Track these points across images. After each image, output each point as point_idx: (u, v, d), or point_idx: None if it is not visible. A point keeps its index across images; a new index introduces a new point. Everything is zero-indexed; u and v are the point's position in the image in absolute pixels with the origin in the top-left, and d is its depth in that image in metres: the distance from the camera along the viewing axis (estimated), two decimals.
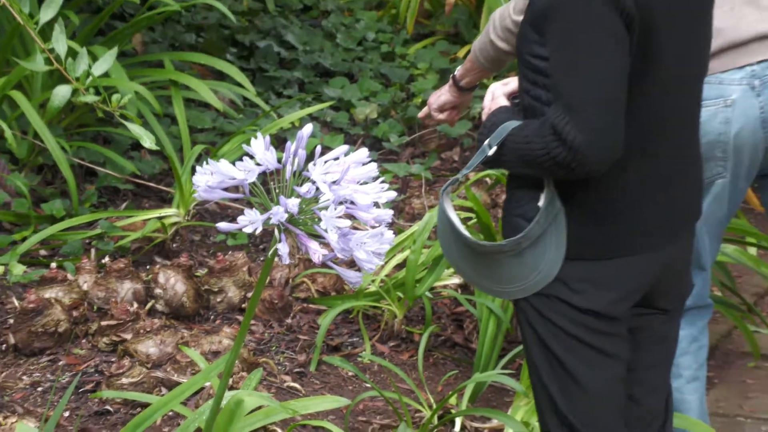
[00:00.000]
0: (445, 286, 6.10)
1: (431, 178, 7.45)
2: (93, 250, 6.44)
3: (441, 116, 5.07)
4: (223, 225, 3.21)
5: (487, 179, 6.69)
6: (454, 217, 3.92)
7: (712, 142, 4.63)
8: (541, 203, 3.72)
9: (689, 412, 5.05)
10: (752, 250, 6.66)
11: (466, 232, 3.89)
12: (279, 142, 4.48)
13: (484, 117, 3.92)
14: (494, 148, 3.70)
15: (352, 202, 3.15)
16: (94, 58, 4.66)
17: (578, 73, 3.58)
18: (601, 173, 3.63)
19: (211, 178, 3.18)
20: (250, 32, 8.73)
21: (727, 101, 4.66)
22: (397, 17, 9.57)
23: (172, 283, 6.04)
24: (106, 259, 6.31)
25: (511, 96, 3.94)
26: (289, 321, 6.10)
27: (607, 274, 3.83)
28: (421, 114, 5.15)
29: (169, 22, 8.30)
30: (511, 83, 4.00)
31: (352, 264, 3.24)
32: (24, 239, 6.38)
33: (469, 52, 5.05)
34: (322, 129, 7.95)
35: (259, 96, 7.77)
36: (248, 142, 3.86)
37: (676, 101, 3.84)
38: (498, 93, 3.98)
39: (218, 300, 6.13)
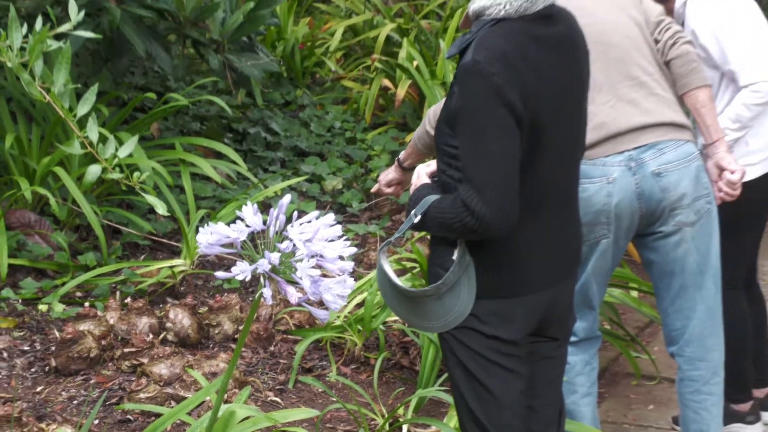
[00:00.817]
0: (395, 321, 6.11)
1: (384, 235, 7.49)
2: (118, 293, 6.44)
3: (388, 190, 5.12)
4: (220, 273, 3.28)
5: (428, 236, 6.76)
6: (390, 270, 3.95)
7: (599, 211, 4.69)
8: (455, 257, 3.76)
9: (584, 420, 5.07)
10: (634, 293, 6.71)
11: (398, 281, 3.94)
12: (266, 207, 4.48)
13: (411, 192, 3.97)
14: (419, 217, 3.76)
15: (321, 256, 3.23)
16: (120, 142, 4.67)
17: (481, 159, 3.64)
18: (502, 235, 3.73)
19: (210, 237, 3.25)
20: (243, 121, 8.75)
21: (609, 179, 4.71)
22: (358, 110, 9.67)
23: (180, 318, 6.08)
24: (128, 300, 6.31)
25: (432, 175, 3.99)
26: (272, 348, 6.12)
27: (508, 309, 3.87)
28: (373, 189, 5.21)
29: (179, 114, 8.32)
30: (432, 165, 4.04)
31: (321, 304, 3.30)
32: (63, 284, 6.37)
33: (410, 139, 5.13)
34: (299, 197, 7.96)
35: (250, 171, 7.80)
36: (241, 209, 3.90)
37: (558, 179, 3.92)
38: (422, 173, 4.04)
39: (216, 332, 6.14)
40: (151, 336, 5.98)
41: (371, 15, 11.60)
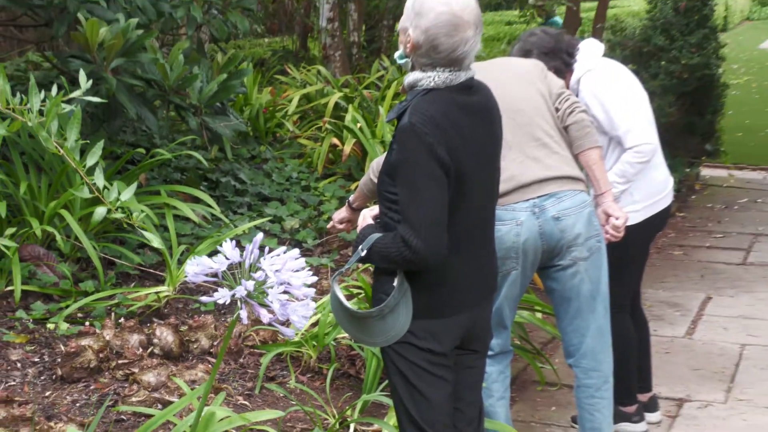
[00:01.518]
0: (344, 337, 6.12)
1: (334, 266, 7.49)
2: (113, 314, 6.40)
3: (340, 227, 5.14)
4: (204, 298, 3.31)
5: (370, 268, 6.75)
6: (341, 295, 3.95)
7: (509, 248, 4.75)
8: (395, 284, 3.78)
9: (499, 419, 5.09)
10: (539, 314, 6.73)
11: (348, 305, 3.96)
12: (237, 243, 4.47)
13: (358, 231, 4.01)
14: (365, 251, 3.79)
15: (288, 283, 3.26)
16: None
17: (417, 204, 3.68)
18: (434, 266, 3.76)
19: (197, 268, 3.27)
20: (216, 172, 8.72)
21: (518, 222, 4.79)
22: (311, 163, 9.68)
23: (164, 335, 6.05)
24: (121, 320, 6.26)
25: (374, 218, 4.03)
26: (241, 360, 6.09)
27: (438, 327, 3.90)
28: (329, 226, 5.22)
29: (163, 166, 8.28)
30: (375, 209, 4.11)
31: (286, 323, 3.32)
32: (67, 306, 6.33)
33: (357, 186, 5.15)
34: (263, 235, 8.01)
35: (222, 213, 7.78)
36: (215, 245, 3.94)
37: (478, 220, 3.97)
38: (367, 216, 4.10)
39: (195, 346, 6.11)
40: (140, 350, 5.96)
41: (322, 85, 11.66)
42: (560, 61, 5.54)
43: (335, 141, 9.83)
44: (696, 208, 11.51)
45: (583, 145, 5.06)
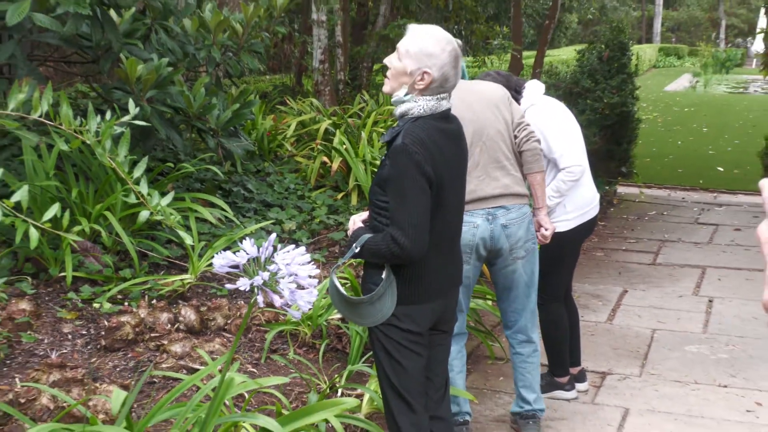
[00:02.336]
0: (333, 318, 6.14)
1: (325, 261, 7.49)
2: (146, 296, 6.40)
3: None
4: (230, 285, 3.32)
5: (354, 262, 6.74)
6: (338, 284, 4.01)
7: (465, 244, 4.79)
8: (383, 276, 3.83)
9: (459, 387, 5.15)
10: (489, 302, 6.81)
11: (344, 292, 4.00)
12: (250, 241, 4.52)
13: (349, 233, 4.03)
14: (358, 248, 3.82)
15: (296, 275, 3.26)
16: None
17: (404, 210, 3.74)
18: (416, 261, 3.77)
19: (222, 260, 3.27)
20: (229, 183, 8.72)
21: (474, 224, 4.95)
22: (306, 177, 9.68)
23: (188, 314, 6.05)
24: (153, 301, 6.28)
25: (363, 221, 4.03)
26: (250, 336, 6.10)
27: (416, 311, 3.94)
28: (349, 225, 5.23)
29: (187, 177, 8.27)
30: (364, 214, 4.10)
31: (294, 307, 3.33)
32: (109, 290, 6.32)
33: (342, 196, 5.15)
34: (266, 235, 8.00)
35: (234, 216, 7.80)
36: (228, 241, 3.92)
37: (451, 224, 4.01)
38: (357, 220, 4.09)
39: (212, 324, 6.10)
40: (169, 326, 5.97)
41: (315, 114, 11.66)
42: (514, 94, 5.63)
43: (325, 159, 9.84)
44: (614, 218, 11.58)
45: (532, 168, 5.22)
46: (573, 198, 5.70)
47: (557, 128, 5.64)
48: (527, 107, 5.65)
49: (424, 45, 3.81)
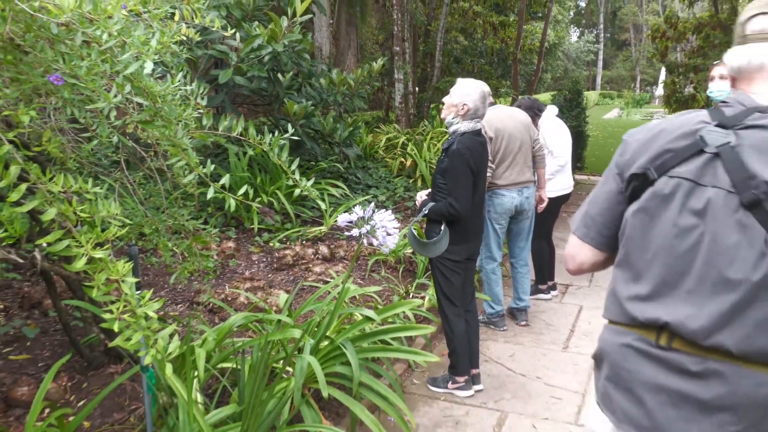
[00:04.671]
0: (407, 252, 6.07)
1: (402, 218, 7.41)
2: (300, 239, 6.40)
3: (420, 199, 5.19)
4: (347, 233, 3.25)
5: (421, 220, 6.69)
6: (414, 232, 4.00)
7: (508, 208, 4.89)
8: (442, 228, 3.76)
9: (495, 291, 5.14)
10: None
11: (417, 237, 3.90)
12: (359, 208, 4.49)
13: (417, 203, 3.97)
14: (426, 211, 3.75)
15: (386, 227, 3.20)
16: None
17: (458, 189, 3.67)
18: (462, 219, 3.70)
19: (343, 218, 3.22)
20: (347, 173, 8.67)
21: (512, 197, 4.91)
22: (391, 170, 9.59)
23: (323, 249, 6.02)
24: (304, 242, 6.29)
25: (427, 195, 3.95)
26: (358, 262, 6.06)
27: (458, 249, 3.85)
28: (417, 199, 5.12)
29: (323, 171, 8.27)
30: (425, 192, 4.02)
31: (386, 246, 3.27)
32: (278, 235, 6.36)
33: (413, 181, 5.08)
34: (368, 203, 8.02)
35: (350, 193, 7.78)
36: (346, 208, 3.87)
37: (481, 198, 3.90)
38: (422, 194, 4.01)
39: (337, 255, 6.09)
40: (312, 256, 5.96)
41: (396, 133, 11.53)
42: (533, 112, 5.60)
43: (402, 159, 9.73)
44: (574, 195, 11.30)
45: (539, 166, 5.18)
46: (559, 180, 5.64)
47: (557, 135, 5.60)
48: (543, 121, 5.65)
49: (464, 88, 3.81)
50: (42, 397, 2.77)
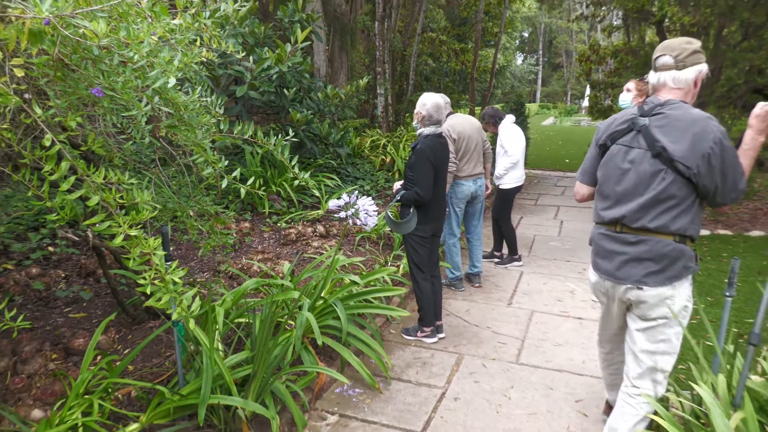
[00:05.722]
0: (386, 231, 6.01)
1: (382, 203, 7.36)
2: (301, 220, 6.31)
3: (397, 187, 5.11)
4: (335, 215, 3.21)
5: (396, 205, 6.65)
6: (390, 213, 3.88)
7: (465, 194, 4.81)
8: (411, 211, 3.70)
9: (455, 260, 5.10)
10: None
11: (392, 217, 3.85)
12: (347, 195, 4.40)
13: (394, 191, 3.90)
14: (399, 197, 3.70)
15: (367, 210, 3.16)
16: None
17: (421, 179, 3.57)
18: (426, 203, 3.63)
19: (332, 203, 3.17)
20: (339, 168, 8.59)
21: (469, 186, 4.82)
22: (374, 165, 9.47)
23: (320, 228, 5.95)
24: (305, 222, 6.22)
25: (401, 185, 3.88)
26: (348, 238, 5.96)
27: (425, 228, 3.77)
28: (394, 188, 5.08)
29: (320, 166, 8.18)
30: (399, 182, 3.95)
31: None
32: (284, 217, 6.28)
33: (392, 174, 5.04)
34: (356, 191, 7.95)
35: (341, 183, 7.70)
36: (337, 195, 3.83)
37: (441, 187, 3.80)
38: (398, 185, 3.94)
39: (331, 233, 6.01)
40: (311, 233, 5.87)
41: (379, 137, 11.43)
42: (495, 119, 5.48)
43: (383, 157, 9.64)
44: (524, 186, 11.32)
45: (488, 160, 5.04)
46: (514, 174, 5.52)
47: (512, 138, 5.43)
48: (502, 126, 5.49)
49: (422, 100, 3.74)
50: (94, 347, 2.73)
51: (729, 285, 2.48)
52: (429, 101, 3.73)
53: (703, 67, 2.31)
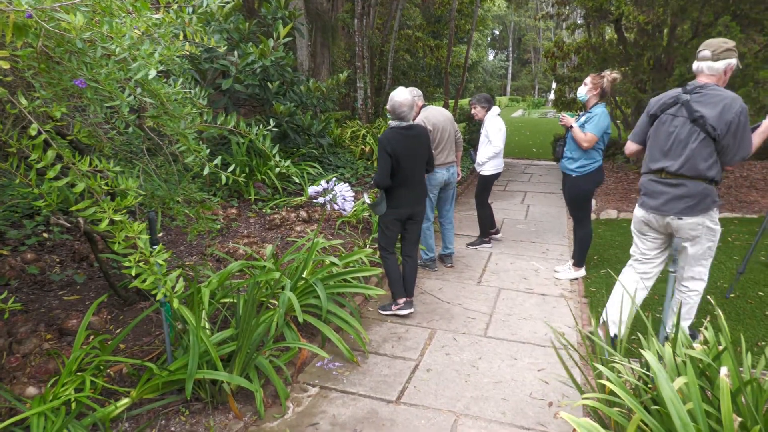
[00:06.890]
0: (366, 214, 5.98)
1: (361, 189, 7.34)
2: (285, 206, 6.27)
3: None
4: (315, 200, 3.19)
5: (375, 191, 6.63)
6: (367, 198, 3.85)
7: (439, 181, 4.76)
8: (379, 194, 3.69)
9: (429, 242, 5.09)
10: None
11: (368, 201, 3.83)
12: (326, 182, 4.33)
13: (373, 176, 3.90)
14: (372, 182, 3.69)
15: (344, 195, 3.15)
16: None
17: (378, 167, 3.58)
18: (384, 188, 3.66)
19: (312, 190, 3.15)
20: (321, 157, 8.51)
21: (442, 173, 4.77)
22: (354, 154, 9.43)
23: (302, 213, 5.90)
24: (288, 208, 6.16)
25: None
26: (329, 222, 5.92)
27: (395, 212, 3.77)
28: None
29: (303, 155, 8.11)
30: None
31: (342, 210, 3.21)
32: (269, 204, 6.21)
33: (371, 163, 5.00)
34: (336, 178, 7.89)
35: (323, 171, 7.64)
36: (318, 182, 3.80)
37: (409, 175, 3.75)
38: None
39: (312, 217, 5.95)
40: (294, 218, 5.82)
41: (359, 128, 11.35)
42: (488, 105, 5.40)
43: (363, 147, 9.60)
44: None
45: (459, 149, 5.01)
46: (494, 162, 5.47)
47: (496, 128, 5.36)
48: (488, 117, 5.41)
49: (392, 96, 3.69)
50: (86, 326, 2.70)
51: (673, 262, 2.56)
52: (393, 99, 3.72)
53: (733, 61, 2.83)
